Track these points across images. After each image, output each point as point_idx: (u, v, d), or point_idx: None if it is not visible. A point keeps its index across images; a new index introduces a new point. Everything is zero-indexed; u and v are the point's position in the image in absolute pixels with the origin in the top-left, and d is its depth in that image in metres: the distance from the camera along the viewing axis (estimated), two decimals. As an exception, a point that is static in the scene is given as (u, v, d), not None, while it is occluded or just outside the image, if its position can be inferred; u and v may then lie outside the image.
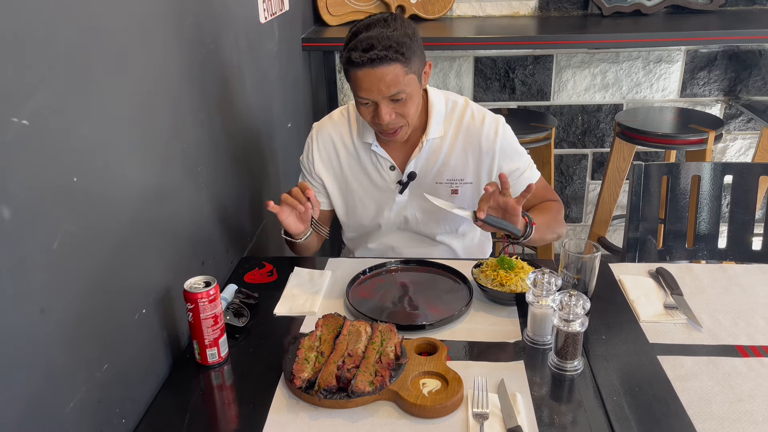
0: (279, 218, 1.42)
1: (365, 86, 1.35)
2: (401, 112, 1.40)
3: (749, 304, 1.33)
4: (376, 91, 1.34)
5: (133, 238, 1.07)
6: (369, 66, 1.32)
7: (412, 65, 1.35)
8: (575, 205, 3.11)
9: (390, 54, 1.31)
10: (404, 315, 1.33)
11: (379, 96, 1.35)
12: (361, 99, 1.38)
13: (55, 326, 0.86)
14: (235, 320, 1.28)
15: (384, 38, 1.31)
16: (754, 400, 1.06)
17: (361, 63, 1.31)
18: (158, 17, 1.18)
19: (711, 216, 1.81)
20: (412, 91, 1.38)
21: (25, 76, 0.79)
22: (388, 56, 1.31)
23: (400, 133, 1.44)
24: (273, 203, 1.38)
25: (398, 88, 1.34)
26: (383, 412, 1.05)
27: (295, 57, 2.32)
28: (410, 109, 1.40)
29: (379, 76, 1.32)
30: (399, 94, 1.36)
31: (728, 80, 2.84)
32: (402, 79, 1.34)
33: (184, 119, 1.29)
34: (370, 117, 1.42)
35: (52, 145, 0.85)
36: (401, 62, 1.33)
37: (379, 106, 1.37)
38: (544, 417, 1.03)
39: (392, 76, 1.33)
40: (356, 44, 1.33)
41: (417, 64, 1.38)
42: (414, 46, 1.35)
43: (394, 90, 1.34)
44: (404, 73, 1.34)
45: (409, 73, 1.35)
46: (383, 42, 1.31)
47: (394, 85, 1.34)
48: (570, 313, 1.11)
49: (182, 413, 1.08)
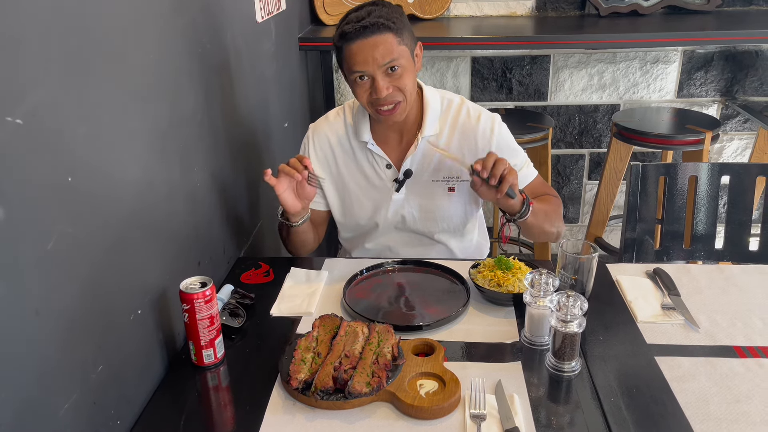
0: (276, 191, 1.41)
1: (360, 59, 1.37)
2: (398, 85, 1.40)
3: (746, 304, 1.33)
4: (371, 61, 1.36)
5: (129, 238, 1.07)
6: (362, 36, 1.35)
7: (404, 37, 1.39)
8: (572, 205, 3.11)
9: (381, 21, 1.35)
10: (401, 315, 1.32)
11: (374, 66, 1.37)
12: (357, 73, 1.39)
13: (49, 327, 0.85)
14: (232, 321, 1.28)
15: (374, 11, 1.37)
16: (752, 401, 1.06)
17: (354, 33, 1.35)
18: (154, 16, 1.17)
19: (708, 216, 1.81)
20: (406, 64, 1.41)
21: (19, 75, 0.79)
22: (380, 23, 1.35)
23: (398, 109, 1.44)
24: (270, 173, 1.38)
25: (392, 56, 1.37)
26: (380, 414, 1.04)
27: (291, 56, 2.31)
28: (406, 81, 1.41)
29: (372, 45, 1.35)
30: (393, 62, 1.37)
31: (725, 81, 2.84)
32: (395, 48, 1.37)
33: (180, 119, 1.28)
34: (366, 94, 1.42)
35: (47, 145, 0.84)
36: (393, 31, 1.37)
37: (376, 80, 1.38)
38: (541, 418, 1.03)
39: (385, 45, 1.36)
40: (348, 20, 1.38)
41: (408, 39, 1.41)
42: (404, 21, 1.41)
43: (388, 58, 1.37)
44: (397, 43, 1.37)
45: (401, 44, 1.38)
46: (374, 14, 1.36)
47: (388, 54, 1.36)
48: (567, 313, 1.10)
49: (178, 414, 1.07)
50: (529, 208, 1.41)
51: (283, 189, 1.42)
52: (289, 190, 1.43)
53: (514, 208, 1.40)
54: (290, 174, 1.39)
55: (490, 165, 1.31)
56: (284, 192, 1.42)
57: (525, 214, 1.42)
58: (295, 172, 1.39)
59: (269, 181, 1.38)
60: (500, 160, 1.33)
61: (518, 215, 1.42)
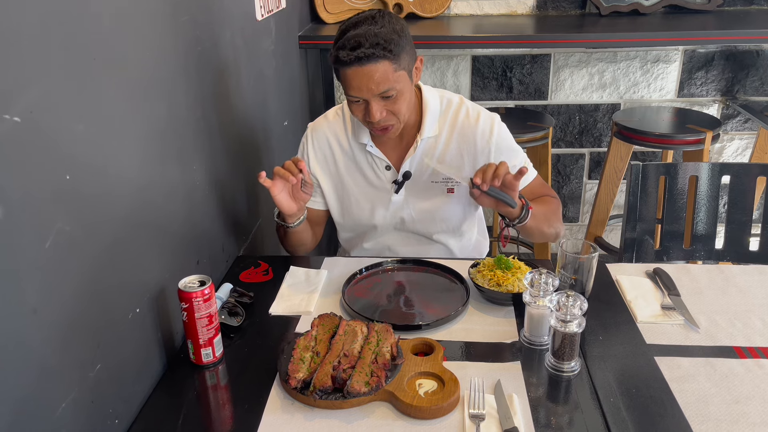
0: (271, 193, 1.40)
1: (354, 85, 1.34)
2: (392, 110, 1.39)
3: (746, 305, 1.33)
4: (366, 90, 1.34)
5: (127, 237, 1.06)
6: (357, 64, 1.32)
7: (401, 62, 1.35)
8: (572, 204, 3.11)
9: (377, 51, 1.30)
10: (400, 315, 1.32)
11: (368, 94, 1.35)
12: (352, 97, 1.38)
13: (47, 326, 0.85)
14: (230, 319, 1.28)
15: (371, 36, 1.30)
16: (752, 401, 1.05)
17: (349, 62, 1.31)
18: (153, 13, 1.17)
19: (708, 216, 1.81)
20: (403, 87, 1.38)
21: (17, 72, 0.78)
22: (376, 54, 1.30)
23: (390, 130, 1.44)
24: (265, 175, 1.37)
25: (388, 85, 1.34)
26: (379, 413, 1.04)
27: (291, 55, 2.31)
28: (401, 106, 1.40)
29: (367, 74, 1.32)
30: (389, 91, 1.35)
31: (726, 80, 2.84)
32: (391, 76, 1.34)
33: (179, 117, 1.28)
34: (361, 115, 1.41)
35: (45, 143, 0.84)
36: (389, 59, 1.32)
37: (370, 104, 1.37)
38: (540, 418, 1.03)
39: (381, 74, 1.32)
40: (344, 43, 1.32)
41: (406, 61, 1.37)
42: (402, 42, 1.35)
43: (383, 87, 1.34)
44: (393, 70, 1.34)
45: (398, 70, 1.35)
46: (370, 40, 1.30)
47: (383, 83, 1.33)
48: (567, 313, 1.10)
49: (176, 413, 1.07)
50: (528, 212, 1.41)
51: (278, 191, 1.41)
52: (285, 192, 1.42)
53: (514, 214, 1.40)
54: (284, 177, 1.38)
55: (489, 177, 1.30)
56: (279, 194, 1.41)
57: (524, 218, 1.41)
58: (289, 175, 1.37)
59: (264, 183, 1.38)
60: (500, 165, 1.32)
61: (517, 220, 1.42)
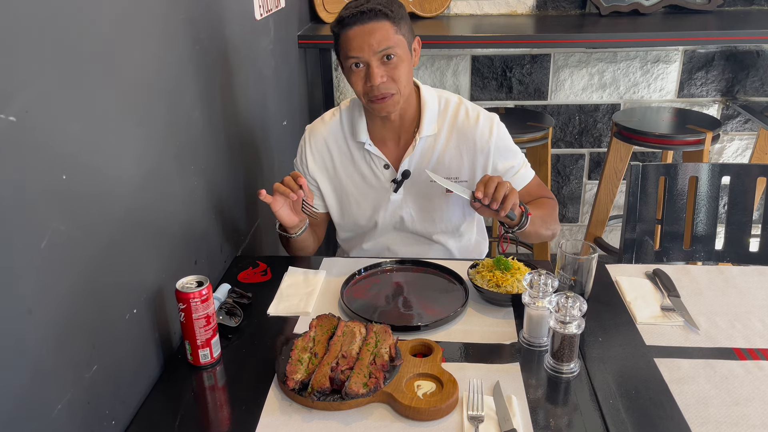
0: (272, 209, 1.42)
1: (356, 44, 1.37)
2: (392, 75, 1.40)
3: (746, 306, 1.32)
4: (367, 48, 1.36)
5: (124, 237, 1.06)
6: (359, 22, 1.35)
7: (401, 27, 1.39)
8: (572, 205, 3.10)
9: (379, 7, 1.36)
10: (399, 316, 1.31)
11: (369, 53, 1.37)
12: (353, 59, 1.39)
13: (43, 326, 0.84)
14: (228, 320, 1.27)
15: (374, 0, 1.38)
16: (751, 403, 1.05)
17: (351, 18, 1.36)
18: (150, 12, 1.16)
19: (708, 217, 1.81)
20: (402, 54, 1.40)
21: (12, 71, 0.78)
22: (377, 10, 1.36)
23: (390, 100, 1.43)
24: (265, 192, 1.38)
25: (388, 44, 1.37)
26: (377, 415, 1.04)
27: (290, 54, 2.30)
28: (401, 72, 1.41)
29: (369, 32, 1.36)
30: (389, 50, 1.37)
31: (726, 81, 2.83)
32: (392, 36, 1.37)
33: (176, 116, 1.28)
34: (361, 82, 1.41)
35: (41, 143, 0.83)
36: (390, 20, 1.37)
37: (371, 67, 1.38)
38: (539, 420, 1.02)
39: (382, 32, 1.36)
40: (347, 6, 1.39)
41: (406, 30, 1.41)
42: (403, 11, 1.41)
43: (384, 45, 1.36)
44: (394, 32, 1.37)
45: (398, 34, 1.38)
46: (373, 1, 1.37)
47: (384, 41, 1.36)
48: (566, 314, 1.10)
49: (173, 415, 1.06)
50: (527, 219, 1.42)
51: (279, 207, 1.42)
52: (285, 207, 1.43)
53: (513, 222, 1.41)
54: (285, 194, 1.39)
55: (491, 191, 1.31)
56: (280, 210, 1.42)
57: (524, 225, 1.42)
58: (289, 192, 1.38)
59: (265, 200, 1.38)
60: (501, 183, 1.32)
61: (517, 227, 1.42)
